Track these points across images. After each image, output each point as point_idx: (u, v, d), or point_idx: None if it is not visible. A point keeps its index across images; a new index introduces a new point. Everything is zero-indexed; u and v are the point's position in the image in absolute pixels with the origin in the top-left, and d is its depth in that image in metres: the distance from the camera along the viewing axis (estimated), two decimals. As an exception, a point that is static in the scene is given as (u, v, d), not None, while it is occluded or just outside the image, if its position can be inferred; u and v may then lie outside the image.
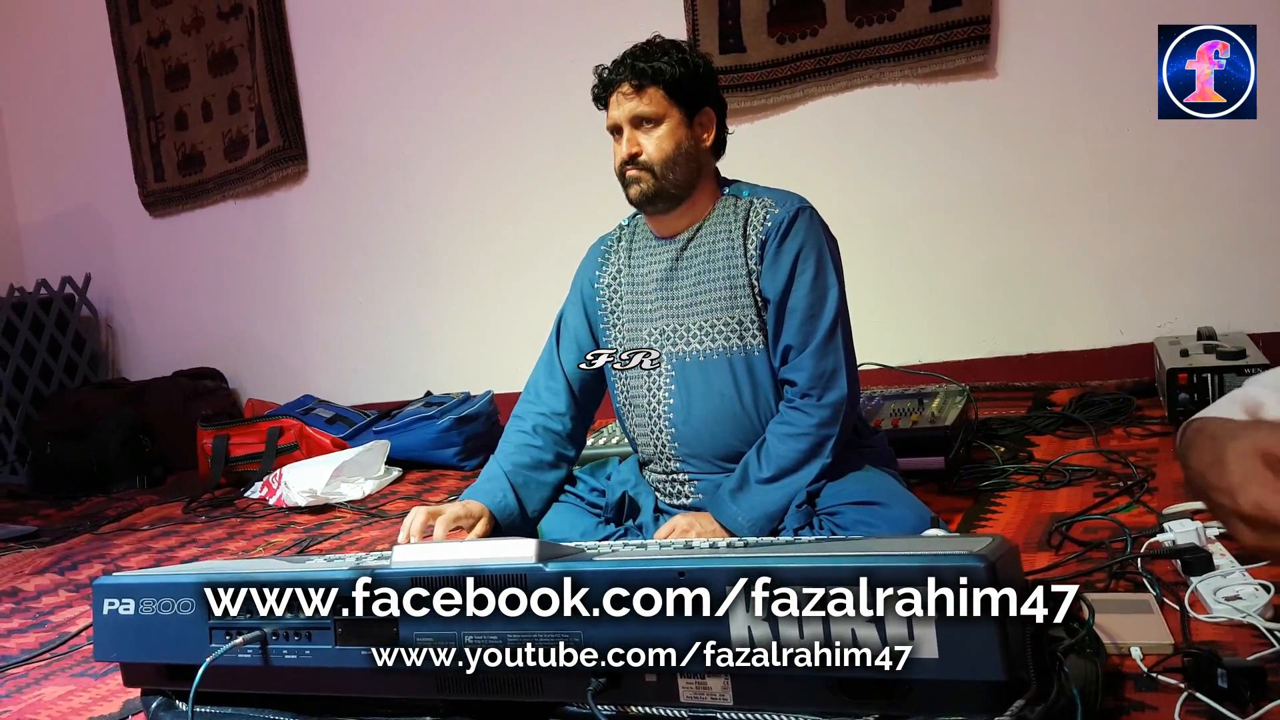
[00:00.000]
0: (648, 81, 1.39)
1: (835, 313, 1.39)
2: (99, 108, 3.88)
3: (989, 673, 0.79)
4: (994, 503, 1.68)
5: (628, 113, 1.40)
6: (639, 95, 1.39)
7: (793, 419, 1.37)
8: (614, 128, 1.43)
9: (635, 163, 1.40)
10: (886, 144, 2.64)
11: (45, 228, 4.16)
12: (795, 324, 1.38)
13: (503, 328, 3.17)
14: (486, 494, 1.42)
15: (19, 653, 1.54)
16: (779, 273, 1.39)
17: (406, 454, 2.75)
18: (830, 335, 1.38)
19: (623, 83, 1.40)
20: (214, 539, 2.24)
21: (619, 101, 1.41)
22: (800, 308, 1.38)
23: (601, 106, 1.45)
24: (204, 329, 3.79)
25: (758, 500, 1.35)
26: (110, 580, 1.10)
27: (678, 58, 1.40)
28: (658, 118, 1.40)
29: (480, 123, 3.15)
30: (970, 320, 2.61)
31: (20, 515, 2.77)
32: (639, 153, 1.40)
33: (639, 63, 1.39)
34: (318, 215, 3.50)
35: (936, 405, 1.97)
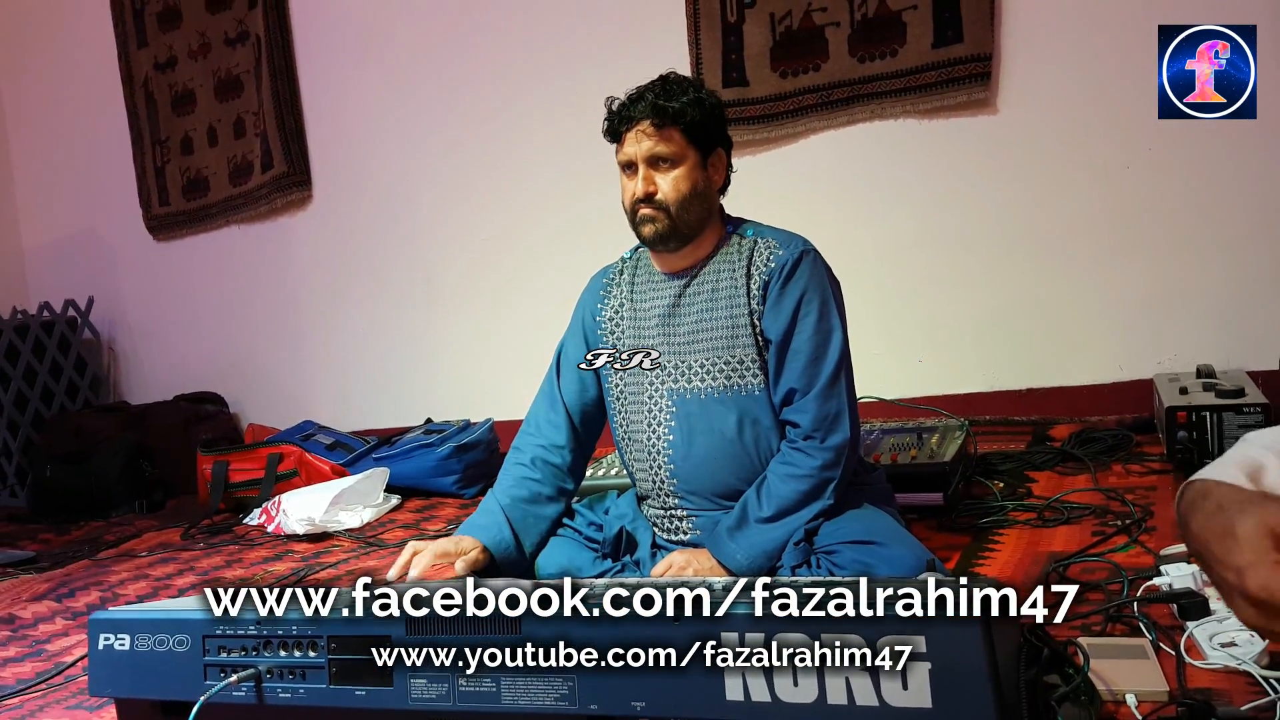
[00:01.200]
0: (669, 122, 1.39)
1: (839, 356, 1.40)
2: (105, 131, 3.92)
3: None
4: (992, 540, 1.68)
5: (646, 151, 1.40)
6: (659, 134, 1.39)
7: (795, 460, 1.38)
8: (628, 164, 1.43)
9: (651, 202, 1.40)
10: (887, 178, 2.66)
11: (49, 250, 4.19)
12: (799, 367, 1.39)
13: (504, 355, 3.19)
14: (482, 529, 1.42)
15: (15, 683, 1.54)
16: (781, 315, 1.39)
17: (406, 481, 2.75)
18: (834, 379, 1.39)
19: (643, 120, 1.39)
20: (212, 566, 2.23)
21: (638, 139, 1.40)
22: (804, 350, 1.38)
23: (613, 140, 1.45)
24: (206, 353, 3.80)
25: (756, 539, 1.35)
26: (107, 615, 1.10)
27: (695, 98, 1.41)
28: (676, 158, 1.40)
29: (483, 151, 3.18)
30: (970, 354, 2.62)
31: (19, 539, 2.76)
32: (655, 192, 1.40)
33: (660, 101, 1.39)
34: (321, 241, 3.52)
35: (935, 440, 1.97)
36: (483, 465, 2.80)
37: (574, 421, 1.53)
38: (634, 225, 1.45)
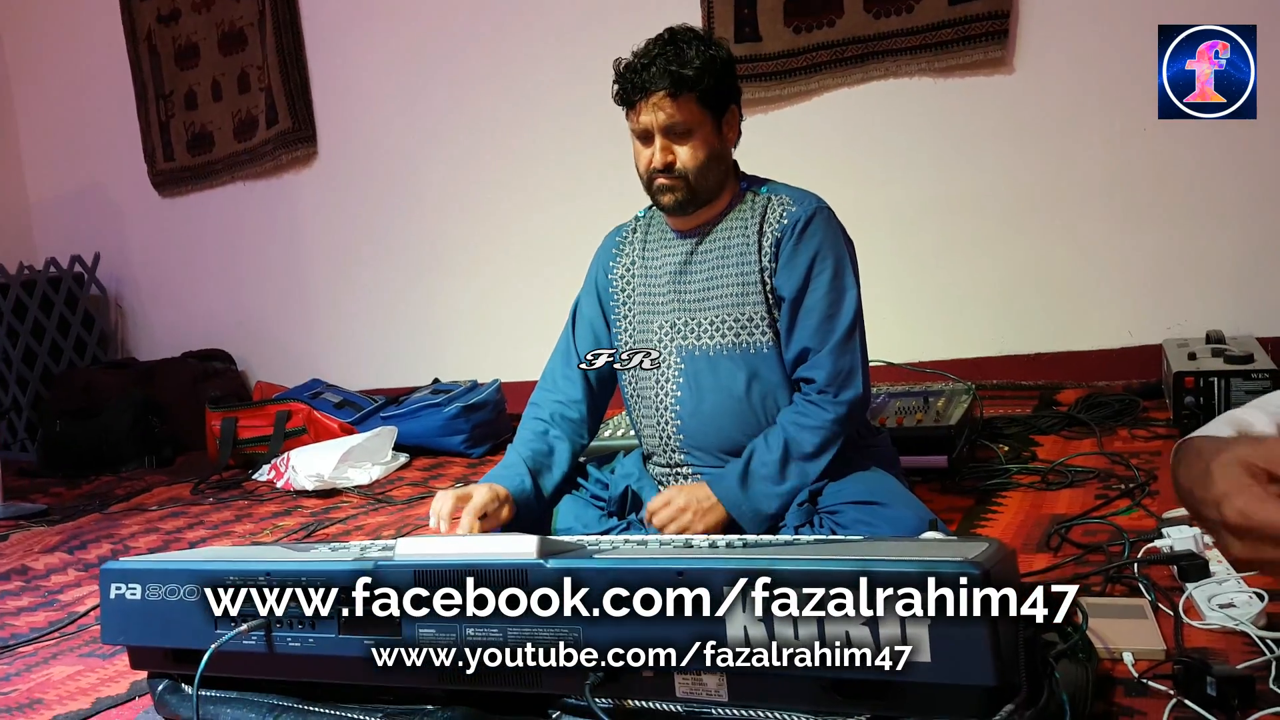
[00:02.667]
0: (684, 90, 1.35)
1: (853, 314, 1.39)
2: (109, 85, 3.89)
3: (980, 677, 0.80)
4: (995, 503, 1.69)
5: (662, 121, 1.36)
6: (674, 103, 1.35)
7: (809, 411, 1.37)
8: (644, 133, 1.40)
9: (670, 172, 1.38)
10: (900, 138, 2.63)
11: (55, 205, 4.18)
12: (813, 324, 1.38)
13: (511, 317, 3.19)
14: (507, 479, 1.43)
15: (28, 631, 1.57)
16: (795, 272, 1.38)
17: (413, 440, 2.76)
18: (848, 336, 1.38)
19: (657, 90, 1.35)
20: (221, 521, 2.26)
21: (652, 109, 1.36)
22: (818, 308, 1.38)
23: (625, 106, 1.41)
24: (213, 310, 3.81)
25: (760, 488, 1.35)
26: (118, 565, 1.12)
27: (708, 57, 1.37)
28: (693, 126, 1.37)
29: (492, 110, 3.14)
30: (979, 318, 2.61)
31: (30, 493, 2.80)
32: (674, 161, 1.38)
33: (673, 67, 1.34)
34: (327, 199, 3.50)
35: (941, 404, 1.97)
36: (490, 425, 2.81)
37: (589, 377, 1.53)
38: (651, 193, 1.43)
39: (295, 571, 1.03)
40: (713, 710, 0.91)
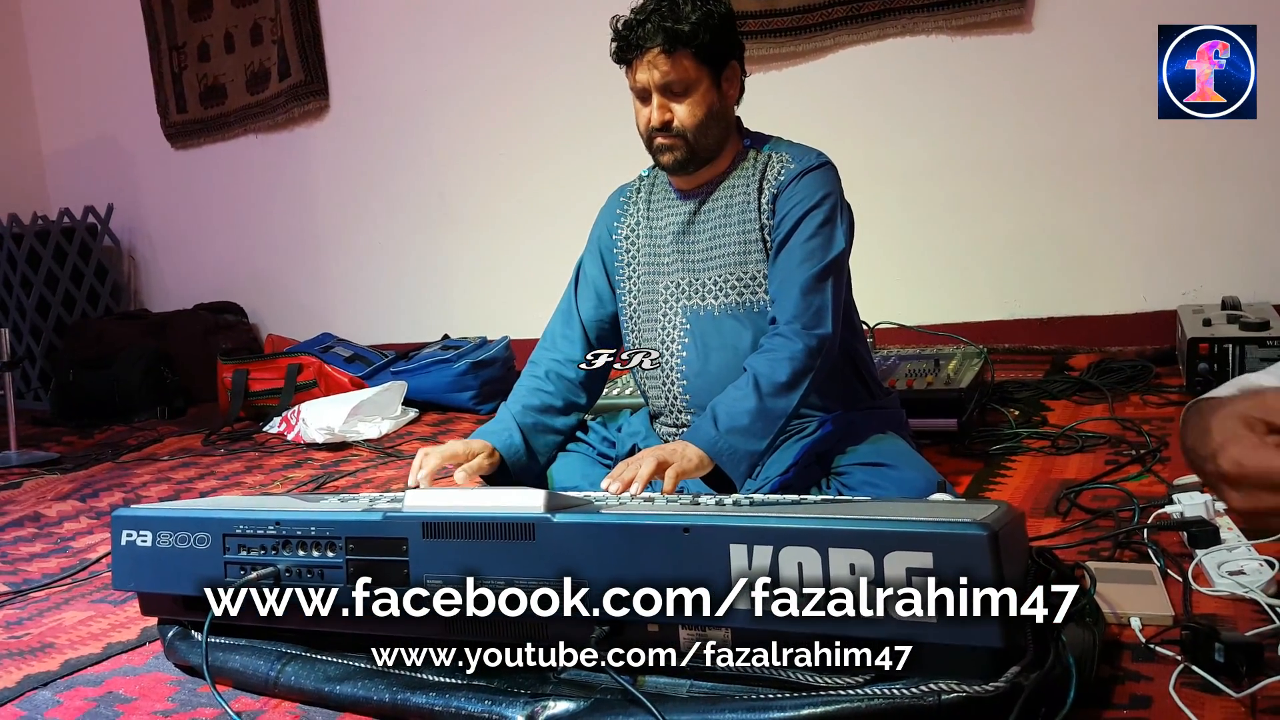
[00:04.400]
0: (680, 45, 1.33)
1: (833, 259, 1.35)
2: (122, 36, 3.86)
3: (986, 639, 0.80)
4: (1004, 467, 1.68)
5: (659, 79, 1.35)
6: (670, 60, 1.33)
7: (777, 345, 1.32)
8: (641, 92, 1.38)
9: (668, 131, 1.36)
10: (915, 97, 2.59)
11: (69, 156, 4.17)
12: (791, 263, 1.35)
13: (521, 274, 3.17)
14: (493, 434, 1.42)
15: (40, 576, 1.59)
16: (789, 217, 1.36)
17: (423, 395, 2.77)
18: (821, 277, 1.34)
19: (652, 48, 1.33)
20: (232, 472, 2.28)
21: (649, 67, 1.34)
22: (800, 250, 1.34)
23: (622, 64, 1.40)
24: (225, 263, 3.81)
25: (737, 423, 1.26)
26: (129, 512, 1.13)
27: (704, 12, 1.34)
28: (690, 84, 1.35)
29: (503, 68, 3.10)
30: (991, 281, 2.58)
31: (43, 441, 2.83)
32: (671, 119, 1.36)
33: (667, 23, 1.32)
34: (339, 153, 3.48)
35: (952, 367, 1.96)
36: (499, 382, 2.81)
37: (589, 338, 1.52)
38: (651, 153, 1.41)
39: (305, 521, 1.03)
40: (717, 664, 0.91)
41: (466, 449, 1.35)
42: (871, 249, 1.67)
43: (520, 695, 0.94)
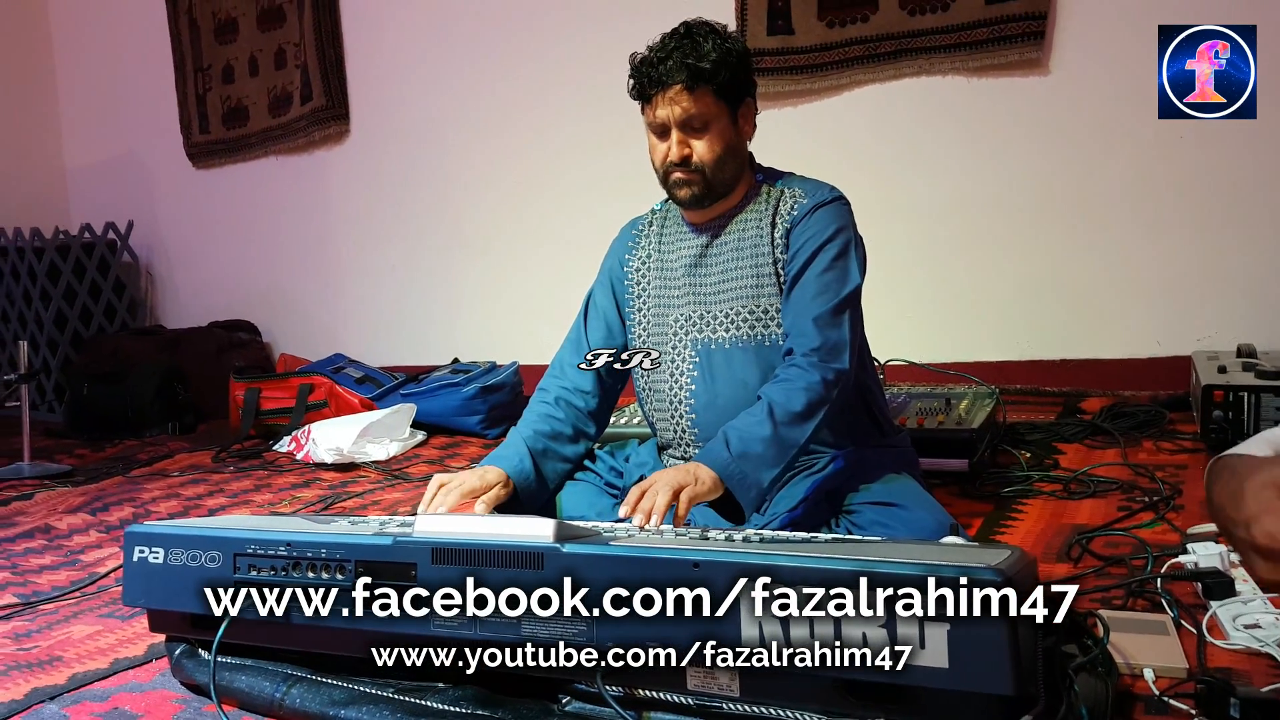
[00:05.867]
0: (701, 83, 1.35)
1: (849, 294, 1.37)
2: (148, 57, 3.92)
3: (998, 686, 0.80)
4: (1016, 509, 1.67)
5: (679, 115, 1.36)
6: (690, 96, 1.35)
7: (794, 375, 1.31)
8: (660, 127, 1.40)
9: (686, 166, 1.38)
10: (931, 136, 2.61)
11: (91, 172, 4.23)
12: (807, 296, 1.35)
13: (531, 301, 3.19)
14: (505, 460, 1.41)
15: (50, 589, 1.59)
16: (800, 252, 1.37)
17: (431, 419, 2.78)
18: (839, 311, 1.35)
19: (674, 84, 1.35)
20: (241, 489, 2.28)
21: (669, 102, 1.36)
22: (815, 283, 1.35)
23: (641, 100, 1.41)
24: (241, 282, 3.84)
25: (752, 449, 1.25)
26: (142, 529, 1.13)
27: (724, 50, 1.37)
28: (709, 119, 1.37)
29: (518, 96, 3.15)
30: (1003, 321, 2.58)
31: (55, 453, 2.84)
32: (690, 154, 1.38)
33: (689, 60, 1.34)
34: (357, 177, 3.52)
35: (964, 407, 1.96)
36: (507, 407, 2.82)
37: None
38: (666, 187, 1.43)
39: (316, 543, 1.03)
40: (724, 705, 0.91)
41: (482, 480, 1.34)
42: (883, 286, 1.67)
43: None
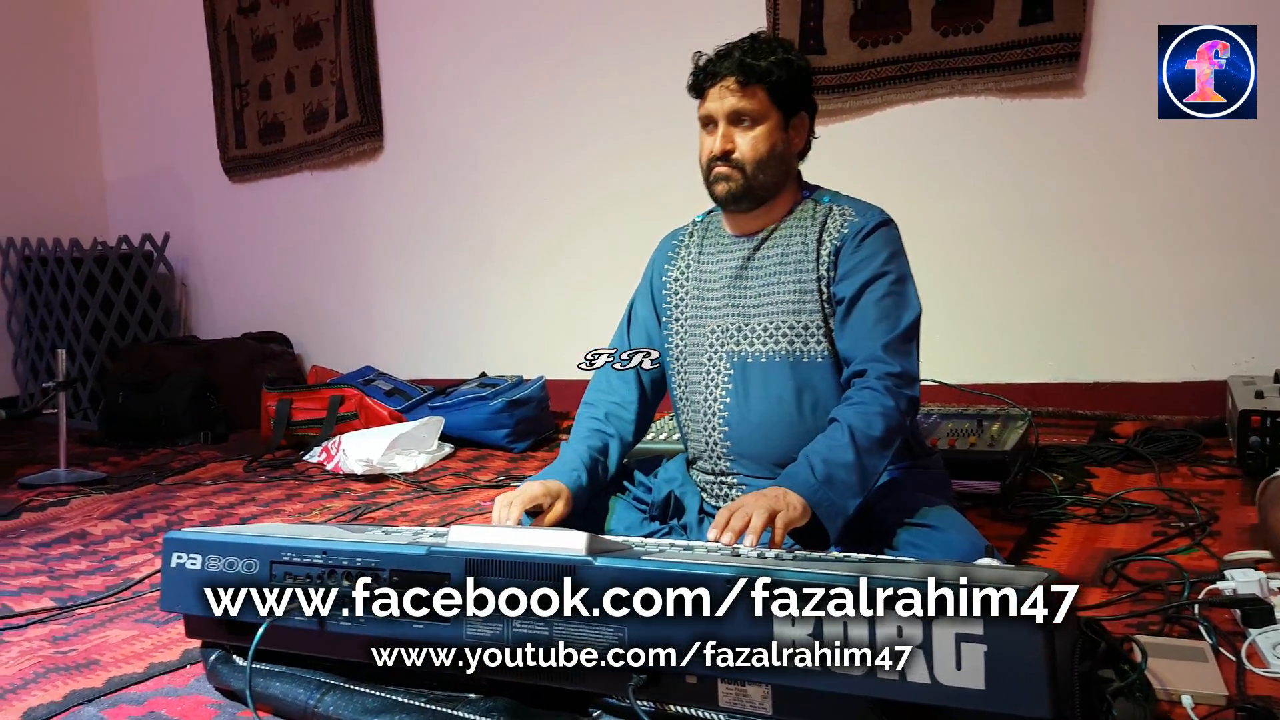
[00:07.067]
0: (754, 80, 1.37)
1: (913, 320, 1.37)
2: (187, 73, 4.01)
3: (1034, 709, 0.79)
4: (1049, 533, 1.66)
5: (728, 107, 1.38)
6: (743, 92, 1.37)
7: (870, 399, 1.30)
8: (708, 119, 1.41)
9: (728, 160, 1.38)
10: (963, 156, 2.60)
11: (129, 185, 4.31)
12: (870, 320, 1.34)
13: (558, 317, 3.21)
14: (564, 475, 1.41)
15: (86, 594, 1.62)
16: (855, 275, 1.36)
17: (458, 432, 2.80)
18: (908, 338, 1.35)
19: (728, 77, 1.37)
20: (272, 499, 2.31)
21: (721, 95, 1.38)
22: (877, 307, 1.35)
23: (696, 95, 1.43)
24: (273, 294, 3.90)
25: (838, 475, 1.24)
26: (180, 535, 1.15)
27: (784, 58, 1.38)
28: (758, 117, 1.38)
29: (546, 113, 3.18)
30: (1035, 343, 2.56)
31: (90, 461, 2.88)
32: (732, 150, 1.38)
33: (748, 59, 1.37)
34: (389, 193, 3.57)
35: (996, 429, 1.94)
36: (533, 421, 2.83)
37: (641, 378, 1.53)
38: (708, 183, 1.43)
39: (351, 551, 1.05)
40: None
41: (545, 489, 1.34)
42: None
43: (557, 740, 0.94)
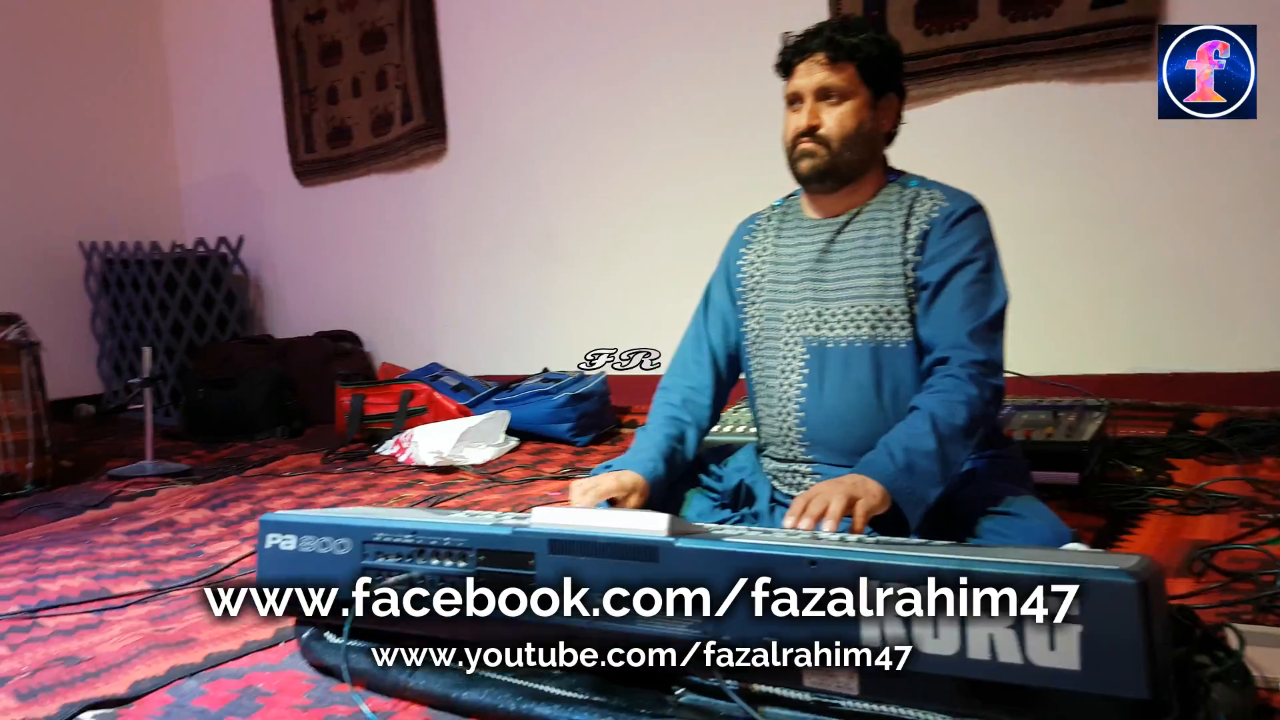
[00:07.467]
0: (844, 56, 1.36)
1: (1001, 308, 1.34)
2: (258, 81, 4.14)
3: (1132, 689, 0.78)
4: (1130, 524, 1.62)
5: (816, 83, 1.37)
6: (832, 67, 1.36)
7: (953, 386, 1.27)
8: (795, 96, 1.40)
9: (813, 136, 1.37)
10: (1034, 143, 2.55)
11: (204, 189, 4.47)
12: (956, 306, 1.32)
13: (619, 313, 3.24)
14: (640, 465, 1.41)
15: (178, 578, 1.69)
16: (943, 259, 1.34)
17: (523, 426, 2.84)
18: (995, 326, 1.33)
19: (818, 52, 1.37)
20: (350, 489, 2.38)
21: (809, 70, 1.37)
22: (965, 293, 1.32)
23: (784, 74, 1.42)
24: (343, 294, 4.01)
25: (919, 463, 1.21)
26: (275, 517, 1.20)
27: (874, 37, 1.38)
28: (846, 93, 1.37)
29: (611, 111, 3.21)
30: (1110, 333, 2.50)
31: (173, 454, 3.00)
32: (818, 125, 1.37)
33: (838, 35, 1.36)
34: (453, 193, 3.64)
35: (1072, 419, 1.90)
36: (596, 416, 2.86)
37: (718, 364, 1.53)
38: (791, 161, 1.42)
39: (439, 531, 1.08)
40: (842, 703, 0.91)
41: (619, 483, 1.35)
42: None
43: (642, 715, 0.95)
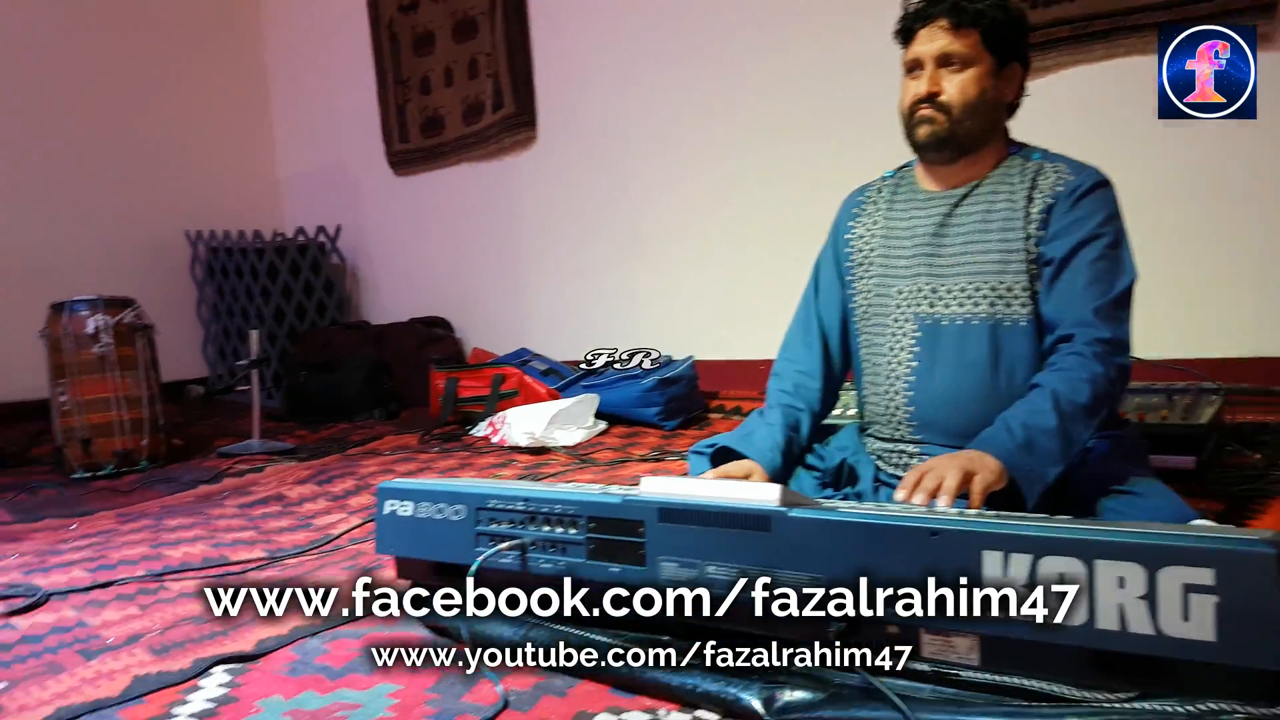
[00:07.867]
0: (967, 22, 1.33)
1: (1128, 285, 1.29)
2: (353, 73, 4.27)
3: (1272, 661, 0.75)
4: (1251, 509, 1.55)
5: (938, 49, 1.34)
6: (954, 34, 1.33)
7: (1078, 364, 1.22)
8: (915, 63, 1.37)
9: (933, 102, 1.34)
10: (1142, 120, 2.42)
11: (303, 180, 4.64)
12: (1082, 282, 1.28)
13: (705, 298, 3.24)
14: (759, 454, 1.40)
15: (291, 547, 1.77)
16: (1069, 234, 1.29)
17: (611, 409, 2.87)
18: (1122, 303, 1.28)
19: (941, 18, 1.34)
20: (447, 468, 2.45)
21: (931, 36, 1.34)
22: (1091, 269, 1.28)
23: (904, 41, 1.39)
24: (435, 281, 4.11)
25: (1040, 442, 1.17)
26: (393, 485, 1.25)
27: (1000, 3, 1.34)
28: (968, 60, 1.34)
29: (699, 101, 3.20)
30: (1226, 316, 2.38)
31: (278, 434, 3.14)
32: (939, 92, 1.34)
33: (963, 1, 1.33)
34: (542, 181, 3.69)
35: (1188, 403, 1.83)
36: (684, 399, 2.87)
37: (829, 344, 1.50)
38: (908, 128, 1.38)
39: (551, 499, 1.11)
40: (961, 673, 0.90)
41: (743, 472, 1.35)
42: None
43: (755, 679, 0.96)
